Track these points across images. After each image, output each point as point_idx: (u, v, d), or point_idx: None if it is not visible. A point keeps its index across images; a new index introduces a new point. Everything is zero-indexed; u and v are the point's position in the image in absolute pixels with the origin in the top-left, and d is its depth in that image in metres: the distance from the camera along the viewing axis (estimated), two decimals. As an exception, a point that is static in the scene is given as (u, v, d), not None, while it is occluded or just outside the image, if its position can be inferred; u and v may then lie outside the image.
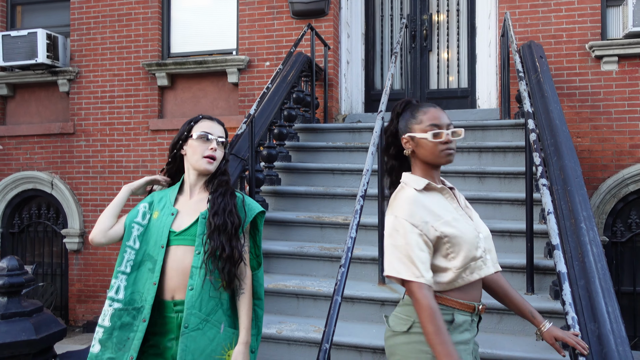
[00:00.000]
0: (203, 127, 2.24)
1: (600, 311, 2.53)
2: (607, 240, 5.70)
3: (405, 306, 1.99)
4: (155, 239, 2.14)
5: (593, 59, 5.85)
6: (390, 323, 2.02)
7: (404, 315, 1.98)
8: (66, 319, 7.39)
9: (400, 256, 1.88)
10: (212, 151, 2.21)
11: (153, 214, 2.20)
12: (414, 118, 2.04)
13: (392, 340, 1.99)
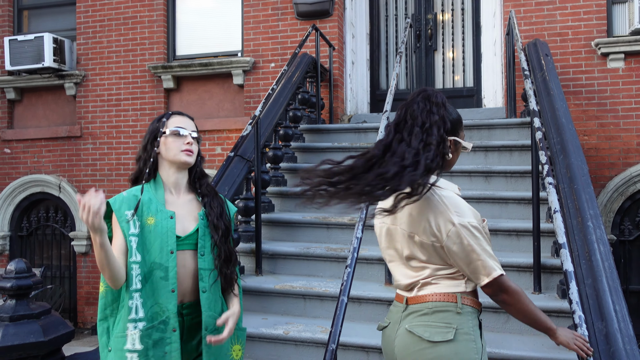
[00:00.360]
0: (175, 122, 2.19)
1: (608, 310, 2.52)
2: (614, 239, 5.67)
3: (439, 313, 1.85)
4: (160, 245, 2.06)
5: (599, 56, 5.82)
6: (424, 334, 1.83)
7: (442, 322, 1.83)
8: (75, 322, 7.43)
9: (490, 255, 1.84)
10: (189, 145, 2.17)
11: (146, 219, 2.06)
12: (461, 122, 1.96)
13: (431, 351, 1.81)
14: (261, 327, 3.54)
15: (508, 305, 1.89)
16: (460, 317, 1.85)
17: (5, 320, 2.77)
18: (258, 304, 3.89)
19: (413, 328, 1.86)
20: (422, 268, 1.92)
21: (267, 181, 4.73)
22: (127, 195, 2.09)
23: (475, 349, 1.83)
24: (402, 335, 1.89)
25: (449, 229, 1.82)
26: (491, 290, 1.86)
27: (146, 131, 2.24)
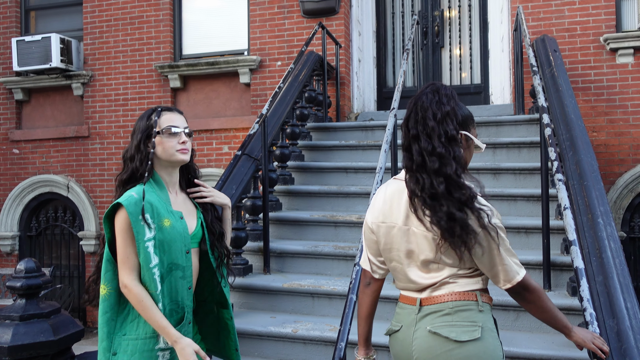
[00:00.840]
0: (168, 120, 2.14)
1: (619, 307, 2.50)
2: (624, 236, 5.63)
3: (462, 312, 1.80)
4: (178, 246, 2.07)
5: (608, 51, 5.78)
6: (451, 334, 1.77)
7: (467, 321, 1.79)
8: (84, 321, 7.47)
9: (512, 258, 1.82)
10: (184, 144, 2.14)
11: (163, 221, 2.04)
12: (472, 119, 1.93)
13: (459, 351, 1.76)
14: (269, 326, 3.54)
15: (529, 302, 1.87)
16: (483, 315, 1.82)
17: (15, 319, 2.78)
18: (266, 302, 3.89)
19: (437, 329, 1.80)
20: (441, 269, 1.84)
21: (275, 180, 4.73)
22: (138, 197, 2.01)
23: (499, 346, 1.83)
24: (424, 337, 1.82)
25: (478, 232, 1.76)
26: (513, 289, 1.84)
27: (135, 128, 2.17)
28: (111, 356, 2.00)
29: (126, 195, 2.02)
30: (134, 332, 2.02)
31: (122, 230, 2.01)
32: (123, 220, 2.00)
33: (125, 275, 2.00)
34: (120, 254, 2.01)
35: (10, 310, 2.82)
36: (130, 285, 1.99)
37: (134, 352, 2.00)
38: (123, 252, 2.01)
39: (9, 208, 7.67)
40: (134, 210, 1.99)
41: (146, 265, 1.99)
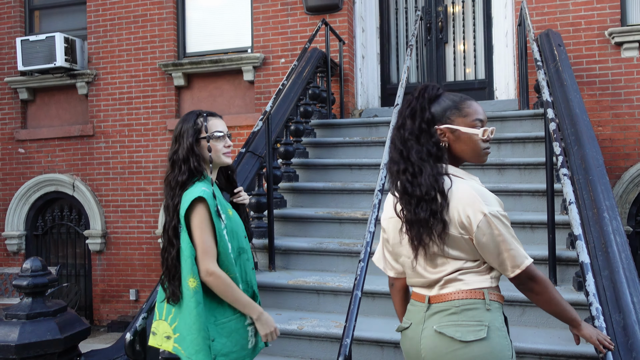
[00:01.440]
0: (214, 126, 2.30)
1: (625, 302, 2.49)
2: (630, 230, 5.61)
3: (469, 311, 1.78)
4: (240, 232, 2.31)
5: (613, 45, 5.75)
6: (456, 334, 1.75)
7: (473, 321, 1.76)
8: (91, 319, 7.50)
9: (517, 245, 1.80)
10: (229, 148, 2.34)
11: (228, 211, 2.28)
12: (457, 110, 1.88)
13: (464, 352, 1.74)
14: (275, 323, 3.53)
15: (536, 294, 1.84)
16: (490, 314, 1.79)
17: (22, 318, 2.79)
18: (271, 299, 3.90)
19: (442, 329, 1.79)
20: (445, 263, 1.84)
21: (279, 177, 4.73)
22: (210, 191, 2.19)
23: (508, 345, 1.79)
24: (431, 337, 1.81)
25: (479, 219, 1.75)
26: (519, 280, 1.81)
27: (181, 131, 2.28)
28: (211, 343, 2.13)
29: (198, 191, 2.16)
30: (223, 316, 2.19)
31: (203, 222, 2.15)
32: (204, 213, 2.16)
33: (210, 264, 2.14)
34: (203, 245, 2.15)
35: (17, 309, 2.84)
36: (217, 271, 2.14)
37: (230, 333, 2.19)
38: (205, 242, 2.15)
39: (15, 207, 7.71)
40: (212, 202, 2.16)
41: (225, 252, 2.19)
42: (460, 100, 1.92)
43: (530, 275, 1.81)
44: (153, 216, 7.21)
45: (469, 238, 1.79)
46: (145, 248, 7.25)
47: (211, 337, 2.14)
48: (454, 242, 1.80)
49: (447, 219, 1.79)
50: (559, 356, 2.99)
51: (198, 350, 2.11)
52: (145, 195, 7.26)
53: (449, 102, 1.91)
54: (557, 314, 1.92)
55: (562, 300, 1.89)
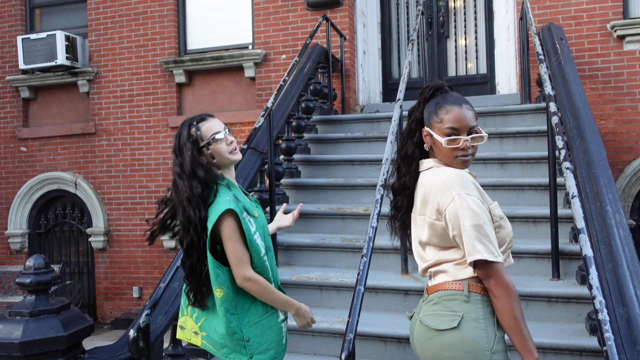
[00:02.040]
0: (209, 129, 2.25)
1: (629, 295, 2.49)
2: (634, 224, 5.60)
3: (447, 301, 1.83)
4: (266, 232, 2.33)
5: (615, 39, 5.72)
6: (431, 323, 1.83)
7: (449, 311, 1.82)
8: (94, 317, 7.52)
9: (480, 236, 1.76)
10: (232, 145, 2.28)
11: (253, 213, 2.26)
12: (435, 115, 1.93)
13: (438, 340, 1.81)
14: (278, 319, 3.54)
15: (494, 296, 1.78)
16: (467, 305, 1.81)
17: (25, 315, 2.79)
18: (275, 295, 3.89)
19: (423, 318, 1.88)
20: (431, 252, 1.94)
21: (281, 173, 4.72)
22: (233, 199, 2.16)
23: (486, 337, 1.78)
24: (417, 326, 1.93)
25: (449, 203, 1.81)
26: (480, 272, 1.80)
27: (180, 145, 2.24)
28: (246, 343, 2.16)
29: (224, 202, 2.14)
30: (255, 316, 2.20)
31: (233, 232, 2.15)
32: (233, 223, 2.14)
33: (247, 270, 2.14)
34: (236, 254, 2.14)
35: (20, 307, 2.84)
36: (254, 277, 2.16)
37: (264, 331, 2.20)
38: (238, 251, 2.15)
39: (17, 206, 7.72)
40: (240, 211, 2.15)
41: (258, 255, 2.19)
42: (440, 105, 1.94)
43: (490, 273, 1.77)
44: (155, 214, 7.19)
45: (442, 224, 1.85)
46: (147, 245, 7.23)
47: (246, 337, 2.16)
48: (433, 229, 1.89)
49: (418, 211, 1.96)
50: (562, 350, 2.99)
51: (230, 351, 2.18)
52: (147, 192, 7.27)
53: (433, 105, 1.96)
54: (512, 331, 1.76)
55: (521, 320, 1.76)
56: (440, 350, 1.80)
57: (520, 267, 3.68)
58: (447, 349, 1.79)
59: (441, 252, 1.90)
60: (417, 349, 1.93)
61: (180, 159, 2.23)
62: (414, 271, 3.86)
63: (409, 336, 2.05)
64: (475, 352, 1.76)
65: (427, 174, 1.94)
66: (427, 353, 1.86)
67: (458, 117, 1.89)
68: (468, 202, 1.78)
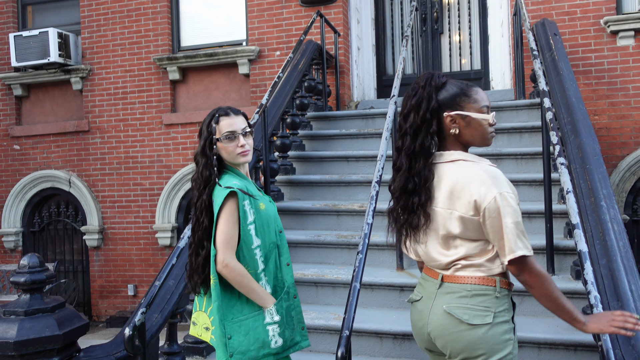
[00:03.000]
0: (225, 126, 2.28)
1: (624, 289, 2.50)
2: (628, 219, 5.63)
3: (479, 297, 1.87)
4: (273, 227, 2.30)
5: (608, 34, 5.74)
6: (463, 316, 1.85)
7: (482, 306, 1.86)
8: (89, 315, 7.50)
9: (519, 233, 1.82)
10: (242, 148, 2.29)
11: (259, 205, 2.26)
12: (467, 96, 1.95)
13: (470, 333, 1.85)
14: (274, 316, 3.54)
15: (530, 287, 1.85)
16: (498, 301, 1.88)
17: (20, 314, 2.78)
18: (270, 292, 3.89)
19: (452, 310, 1.88)
20: (459, 246, 1.91)
21: (276, 170, 4.72)
22: (240, 184, 2.20)
23: (509, 329, 1.88)
24: (439, 315, 1.91)
25: (490, 200, 1.81)
26: (514, 268, 1.84)
27: (200, 131, 2.33)
28: (227, 340, 2.15)
29: (230, 184, 2.19)
30: (240, 314, 2.19)
31: (230, 214, 2.17)
32: (232, 205, 2.17)
33: (228, 255, 2.15)
34: (225, 236, 2.16)
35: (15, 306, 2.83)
36: (233, 263, 2.15)
37: (248, 331, 2.17)
38: (228, 233, 2.16)
39: (11, 204, 7.69)
40: (241, 196, 2.18)
41: (247, 246, 2.20)
42: (467, 87, 1.99)
43: (525, 268, 1.83)
44: (150, 211, 7.19)
45: (477, 220, 1.85)
46: (142, 243, 7.24)
47: (228, 334, 2.15)
48: (465, 224, 1.87)
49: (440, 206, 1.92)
50: (557, 345, 3.00)
51: (218, 345, 2.18)
52: (142, 190, 7.25)
53: (457, 89, 1.97)
54: (556, 311, 1.87)
55: (561, 297, 1.85)
56: (472, 344, 1.85)
57: (515, 263, 3.69)
58: (479, 343, 1.84)
59: (470, 245, 1.90)
60: (439, 337, 1.92)
61: (199, 144, 2.31)
62: (409, 267, 3.87)
63: (405, 332, 2.07)
64: (502, 344, 1.85)
65: (457, 166, 1.92)
66: (455, 344, 1.88)
67: (485, 96, 1.99)
68: (509, 200, 1.82)
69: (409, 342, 3.22)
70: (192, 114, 6.99)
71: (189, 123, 7.01)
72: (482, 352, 1.84)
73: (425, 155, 1.94)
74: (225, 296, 2.18)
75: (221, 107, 2.36)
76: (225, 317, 2.16)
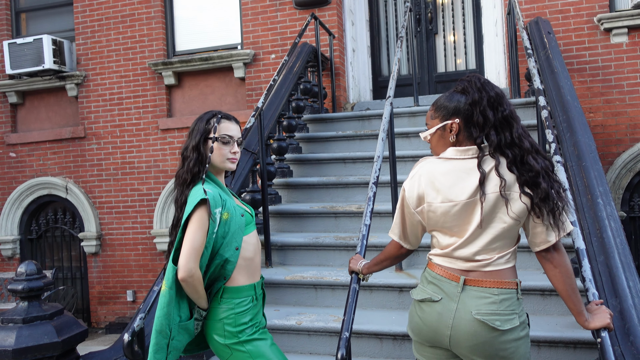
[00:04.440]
0: (225, 129, 2.30)
1: (621, 286, 2.51)
2: (624, 215, 5.64)
3: (505, 301, 1.91)
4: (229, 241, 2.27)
5: (602, 32, 5.76)
6: (496, 323, 1.88)
7: (508, 310, 1.91)
8: (88, 322, 7.48)
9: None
10: (234, 155, 2.32)
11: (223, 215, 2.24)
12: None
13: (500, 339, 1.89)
14: (274, 319, 3.54)
15: (558, 265, 1.91)
16: (519, 303, 1.96)
17: (18, 322, 2.78)
18: (269, 295, 3.89)
19: (484, 317, 1.90)
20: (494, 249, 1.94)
21: (273, 173, 4.72)
22: (212, 192, 2.19)
23: (525, 324, 1.96)
24: (469, 322, 1.91)
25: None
26: (551, 247, 1.91)
27: (194, 128, 2.31)
28: (170, 341, 2.18)
29: (201, 193, 2.17)
30: (186, 317, 2.23)
31: (201, 223, 2.16)
32: (204, 213, 2.16)
33: (193, 263, 2.14)
34: (193, 243, 2.15)
35: (12, 314, 2.82)
36: (198, 273, 2.16)
37: (186, 331, 2.23)
38: (196, 240, 2.15)
39: (8, 212, 7.67)
40: (214, 203, 2.18)
41: (206, 252, 2.19)
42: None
43: (560, 249, 1.93)
44: (148, 216, 7.18)
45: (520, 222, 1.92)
46: (141, 249, 7.23)
47: (172, 336, 2.17)
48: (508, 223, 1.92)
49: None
50: (556, 343, 3.00)
51: (157, 350, 2.17)
52: (139, 195, 7.24)
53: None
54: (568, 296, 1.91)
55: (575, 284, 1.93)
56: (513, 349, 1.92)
57: (513, 261, 3.70)
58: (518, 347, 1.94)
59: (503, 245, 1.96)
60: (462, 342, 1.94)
61: (188, 141, 2.30)
62: (408, 268, 3.87)
63: (404, 333, 2.08)
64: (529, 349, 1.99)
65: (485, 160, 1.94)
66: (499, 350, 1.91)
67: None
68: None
69: (409, 342, 3.22)
70: (188, 119, 6.99)
71: (185, 127, 7.01)
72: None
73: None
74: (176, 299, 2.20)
75: (220, 111, 2.37)
76: (173, 321, 2.18)
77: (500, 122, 1.91)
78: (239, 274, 2.28)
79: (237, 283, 2.27)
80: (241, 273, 2.28)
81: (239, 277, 2.28)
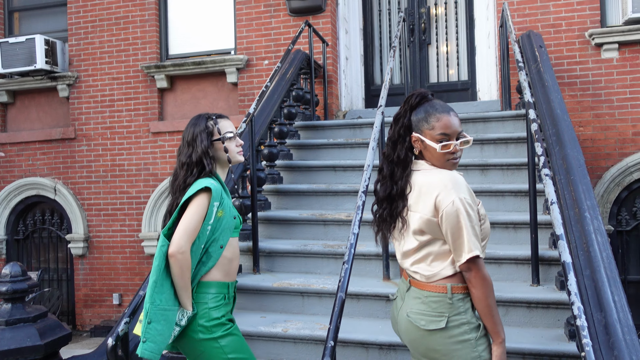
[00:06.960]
0: (224, 127, 2.46)
1: (607, 300, 2.52)
2: (612, 229, 5.68)
3: (433, 303, 2.02)
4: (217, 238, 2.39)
5: (593, 46, 5.82)
6: (421, 323, 2.02)
7: (435, 312, 2.01)
8: (73, 324, 7.41)
9: (472, 236, 1.95)
10: (240, 146, 2.51)
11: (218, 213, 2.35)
12: (426, 122, 2.07)
13: (428, 339, 2.01)
14: (260, 326, 3.52)
15: (473, 286, 1.98)
16: (451, 306, 2.00)
17: (1, 324, 2.75)
18: (256, 302, 3.88)
19: (411, 316, 2.05)
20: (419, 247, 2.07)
21: (263, 179, 4.71)
22: (217, 185, 2.31)
23: (469, 329, 1.99)
24: (404, 319, 2.09)
25: (447, 204, 1.95)
26: (465, 267, 1.98)
27: (194, 135, 2.40)
28: (147, 324, 2.20)
29: (206, 182, 2.29)
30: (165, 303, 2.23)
31: (201, 208, 2.26)
32: (205, 200, 2.27)
33: (185, 242, 2.21)
34: (188, 224, 2.23)
35: (-5, 315, 2.79)
36: (188, 252, 2.22)
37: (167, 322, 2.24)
38: (192, 223, 2.24)
39: (-5, 212, 7.60)
40: (215, 195, 2.29)
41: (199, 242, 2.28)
42: (431, 113, 2.08)
43: (474, 267, 1.97)
44: (136, 219, 7.15)
45: (436, 221, 2.00)
46: (128, 252, 7.18)
47: (149, 318, 2.18)
48: (425, 225, 2.02)
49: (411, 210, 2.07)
50: (542, 355, 3.01)
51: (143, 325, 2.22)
52: (128, 198, 7.20)
53: (423, 113, 2.09)
54: (486, 317, 1.99)
55: (494, 307, 2.00)
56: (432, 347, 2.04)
57: (500, 273, 3.71)
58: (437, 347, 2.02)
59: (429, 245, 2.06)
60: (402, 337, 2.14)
61: (191, 149, 2.38)
62: (395, 277, 3.87)
63: (391, 342, 2.15)
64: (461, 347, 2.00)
65: (422, 174, 2.09)
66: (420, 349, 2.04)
67: (448, 124, 2.05)
68: (465, 206, 1.96)
69: (394, 352, 3.22)
70: (179, 122, 6.97)
71: (176, 131, 6.99)
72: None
73: (403, 166, 2.11)
74: (160, 281, 2.22)
75: (209, 113, 2.48)
76: (153, 301, 2.20)
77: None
78: (217, 270, 2.35)
79: (212, 279, 2.34)
80: (219, 270, 2.36)
81: (216, 274, 2.36)
